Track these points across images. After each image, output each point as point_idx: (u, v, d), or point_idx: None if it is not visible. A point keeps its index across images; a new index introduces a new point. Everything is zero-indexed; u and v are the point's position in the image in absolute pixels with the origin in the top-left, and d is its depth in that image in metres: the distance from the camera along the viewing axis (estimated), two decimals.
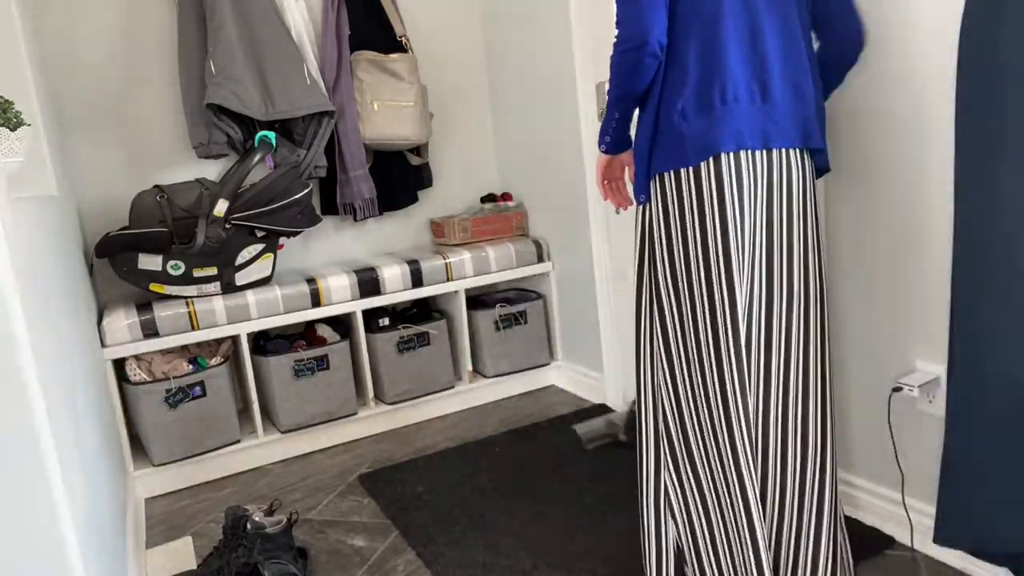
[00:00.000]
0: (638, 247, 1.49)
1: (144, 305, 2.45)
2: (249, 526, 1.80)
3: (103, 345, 2.37)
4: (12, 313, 1.01)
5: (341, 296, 2.69)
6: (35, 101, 1.96)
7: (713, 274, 1.39)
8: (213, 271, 2.50)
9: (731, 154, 1.38)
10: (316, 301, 2.65)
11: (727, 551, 1.45)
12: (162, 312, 2.42)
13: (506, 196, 3.22)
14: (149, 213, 2.47)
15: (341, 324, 2.84)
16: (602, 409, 2.80)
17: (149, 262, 2.44)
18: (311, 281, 2.65)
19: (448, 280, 2.88)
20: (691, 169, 1.38)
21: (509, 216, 3.11)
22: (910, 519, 1.74)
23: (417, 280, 2.81)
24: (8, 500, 0.95)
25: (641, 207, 1.48)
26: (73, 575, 1.08)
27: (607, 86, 2.50)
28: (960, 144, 1.36)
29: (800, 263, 1.47)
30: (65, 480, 1.10)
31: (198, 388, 2.48)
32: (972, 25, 1.30)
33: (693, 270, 1.41)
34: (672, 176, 1.40)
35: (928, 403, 1.68)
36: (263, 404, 2.72)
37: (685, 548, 1.50)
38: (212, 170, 2.83)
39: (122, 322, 2.37)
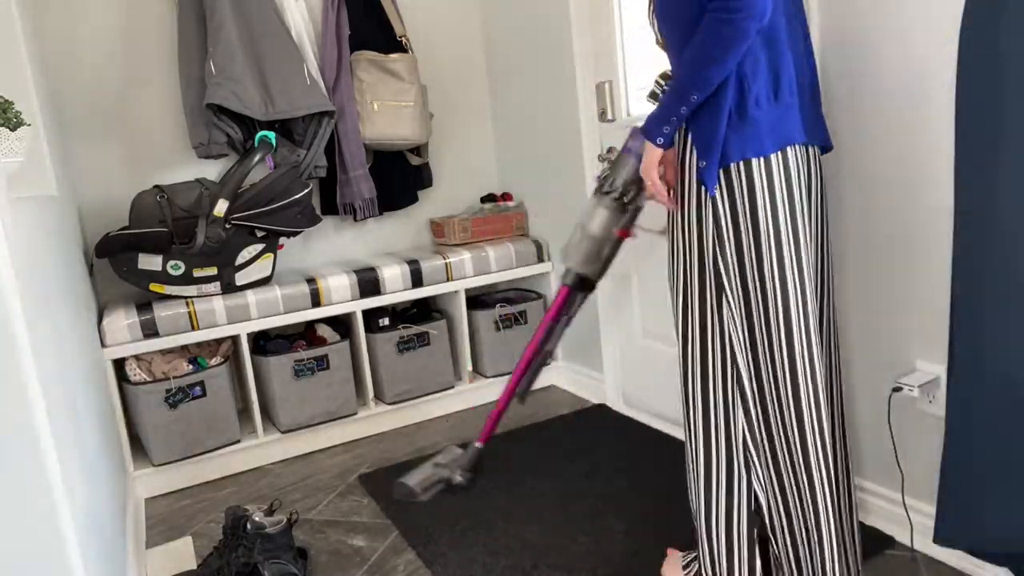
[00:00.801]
0: (698, 243, 1.43)
1: (144, 305, 2.45)
2: (249, 526, 1.80)
3: (103, 345, 2.37)
4: (12, 313, 1.01)
5: (341, 296, 2.69)
6: (35, 101, 1.96)
7: (788, 268, 1.38)
8: (213, 271, 2.50)
9: (796, 146, 1.39)
10: (316, 301, 2.65)
11: (806, 549, 1.46)
12: (162, 312, 2.42)
13: (506, 196, 3.22)
14: (149, 213, 2.47)
15: (341, 324, 2.84)
16: (600, 409, 2.80)
17: (149, 262, 2.43)
18: (311, 281, 2.65)
19: (448, 280, 2.88)
20: (763, 159, 1.35)
21: (509, 216, 3.11)
22: (910, 519, 1.74)
23: (417, 280, 2.81)
24: (8, 500, 0.95)
25: (699, 203, 1.41)
26: (73, 575, 1.08)
27: (607, 86, 2.51)
28: (960, 144, 1.36)
29: (828, 258, 1.52)
30: (65, 480, 1.10)
31: (198, 388, 2.48)
32: (972, 25, 1.30)
33: (766, 264, 1.37)
34: (743, 166, 1.36)
35: (928, 403, 1.68)
36: (263, 404, 2.72)
37: (784, 554, 1.48)
38: (212, 170, 2.83)
39: (122, 322, 2.37)
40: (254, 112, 2.56)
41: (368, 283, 2.72)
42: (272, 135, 2.58)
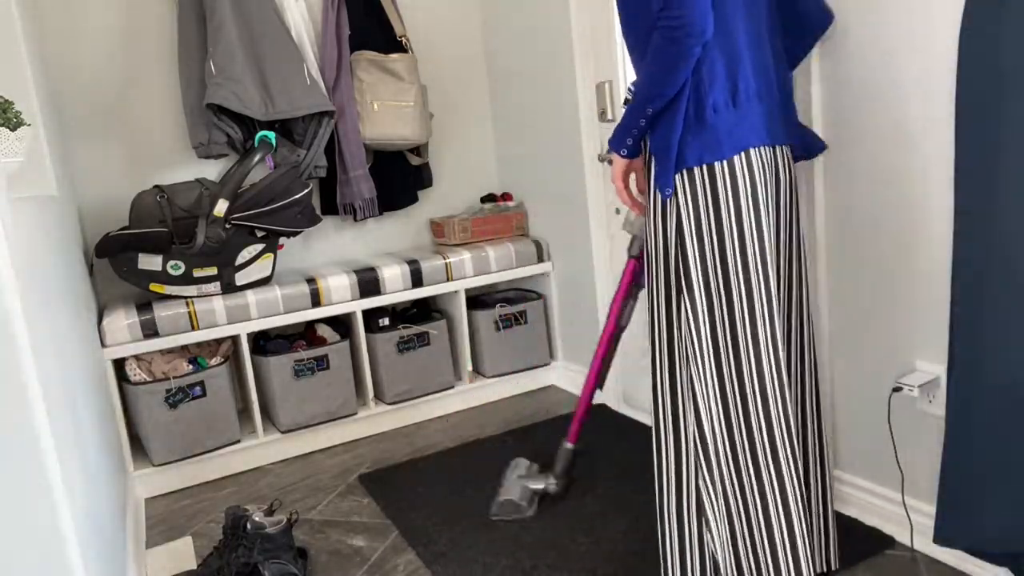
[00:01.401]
0: (663, 245, 1.46)
1: (144, 305, 2.45)
2: (249, 526, 1.80)
3: (103, 345, 2.37)
4: (12, 313, 1.01)
5: (341, 296, 2.69)
6: (35, 101, 1.96)
7: (751, 268, 1.40)
8: (213, 271, 2.50)
9: (760, 148, 1.42)
10: (316, 301, 2.65)
11: (767, 550, 1.45)
12: (162, 312, 2.42)
13: (506, 196, 3.22)
14: (149, 213, 2.47)
15: (341, 324, 2.84)
16: (600, 409, 2.80)
17: (149, 262, 2.43)
18: (311, 281, 2.65)
19: (448, 280, 2.88)
20: (725, 162, 1.39)
21: (509, 216, 3.11)
22: (910, 519, 1.74)
23: (417, 280, 2.81)
24: (8, 500, 0.95)
25: (662, 204, 1.45)
26: (73, 575, 1.08)
27: (607, 86, 2.51)
28: (960, 144, 1.36)
29: (798, 256, 1.55)
30: (65, 480, 1.10)
31: (198, 388, 2.48)
32: (972, 25, 1.30)
33: (731, 264, 1.40)
34: (705, 170, 1.39)
35: (928, 403, 1.68)
36: (263, 404, 2.72)
37: (723, 552, 1.48)
38: (212, 170, 2.83)
39: (122, 322, 2.37)
40: (254, 112, 2.56)
41: (368, 283, 2.72)
42: (272, 135, 2.58)
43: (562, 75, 2.72)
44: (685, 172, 1.40)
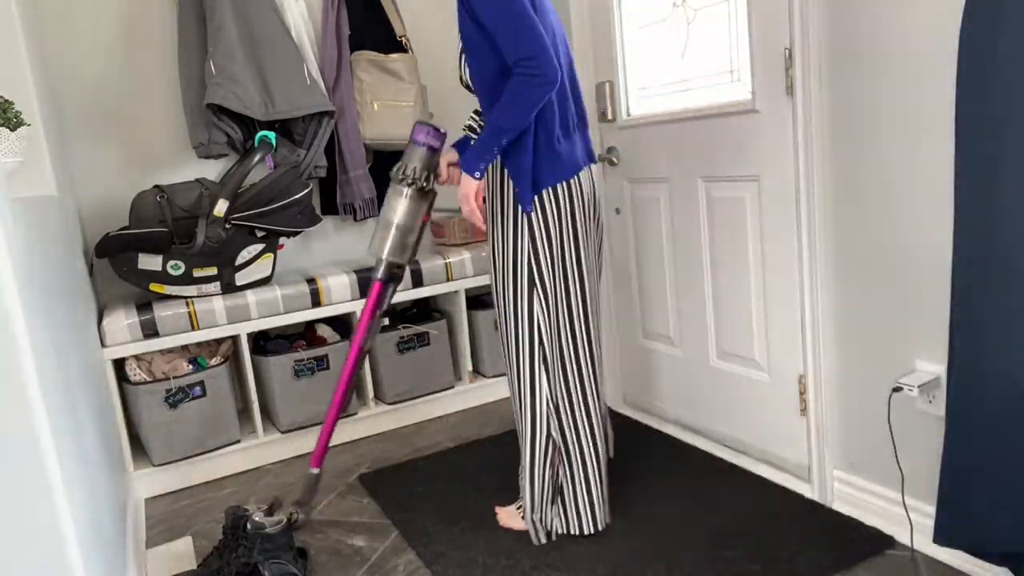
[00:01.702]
0: (514, 251, 1.82)
1: (144, 305, 2.45)
2: (249, 526, 1.80)
3: (103, 345, 2.37)
4: (12, 313, 1.01)
5: (341, 296, 2.69)
6: (35, 101, 1.96)
7: (583, 260, 1.84)
8: (213, 271, 2.50)
9: (584, 168, 1.85)
10: (316, 301, 2.65)
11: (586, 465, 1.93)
12: (162, 312, 2.42)
13: None
14: (149, 213, 2.47)
15: (341, 324, 2.84)
16: None
17: (149, 262, 2.43)
18: (311, 281, 2.65)
19: (448, 280, 2.88)
20: (566, 183, 1.79)
21: None
22: (910, 519, 1.74)
23: (417, 280, 2.81)
24: (8, 500, 0.95)
25: (515, 219, 1.80)
26: (73, 575, 1.08)
27: (607, 86, 2.51)
28: (960, 144, 1.36)
29: (601, 245, 2.03)
30: (65, 480, 1.10)
31: (198, 388, 2.48)
32: (972, 25, 1.30)
33: (571, 263, 1.83)
34: (552, 191, 1.78)
35: (928, 403, 1.68)
36: (263, 404, 2.72)
37: (564, 475, 1.95)
38: (212, 170, 2.83)
39: (122, 322, 2.37)
40: (254, 112, 2.56)
41: (368, 283, 2.72)
42: (272, 135, 2.58)
43: None
44: (542, 192, 1.77)
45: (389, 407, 2.83)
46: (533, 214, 1.79)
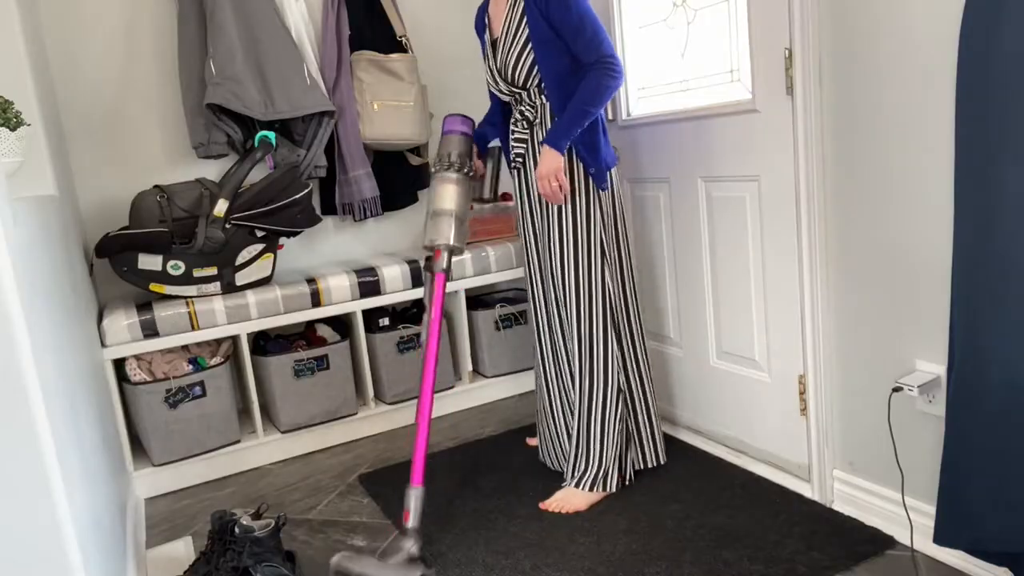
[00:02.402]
0: (592, 225, 2.04)
1: (144, 305, 2.45)
2: (237, 530, 1.78)
3: (103, 345, 2.37)
4: (12, 313, 1.01)
5: (341, 296, 2.69)
6: (35, 101, 1.96)
7: (629, 234, 2.26)
8: (213, 271, 2.50)
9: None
10: (316, 301, 2.65)
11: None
12: (162, 312, 2.42)
13: (506, 196, 3.22)
14: (149, 213, 2.46)
15: (341, 324, 2.84)
16: None
17: (149, 262, 2.43)
18: (311, 281, 2.65)
19: (448, 280, 2.87)
20: (616, 167, 2.11)
21: (509, 216, 3.11)
22: (910, 519, 1.74)
23: (417, 280, 2.81)
24: (8, 500, 0.95)
25: (587, 197, 2.03)
26: (73, 575, 1.08)
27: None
28: (960, 143, 1.36)
29: None
30: (65, 480, 1.10)
31: (198, 388, 2.48)
32: (972, 24, 1.30)
33: (622, 233, 2.13)
34: (614, 171, 2.09)
35: (928, 403, 1.68)
36: (263, 404, 2.72)
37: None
38: (212, 170, 2.83)
39: (122, 322, 2.37)
40: (254, 112, 2.56)
41: (368, 283, 2.72)
42: (272, 135, 2.58)
43: None
44: (609, 172, 2.06)
45: (389, 407, 2.83)
46: (604, 192, 2.04)
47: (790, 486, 2.07)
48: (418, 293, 2.82)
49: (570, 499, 2.08)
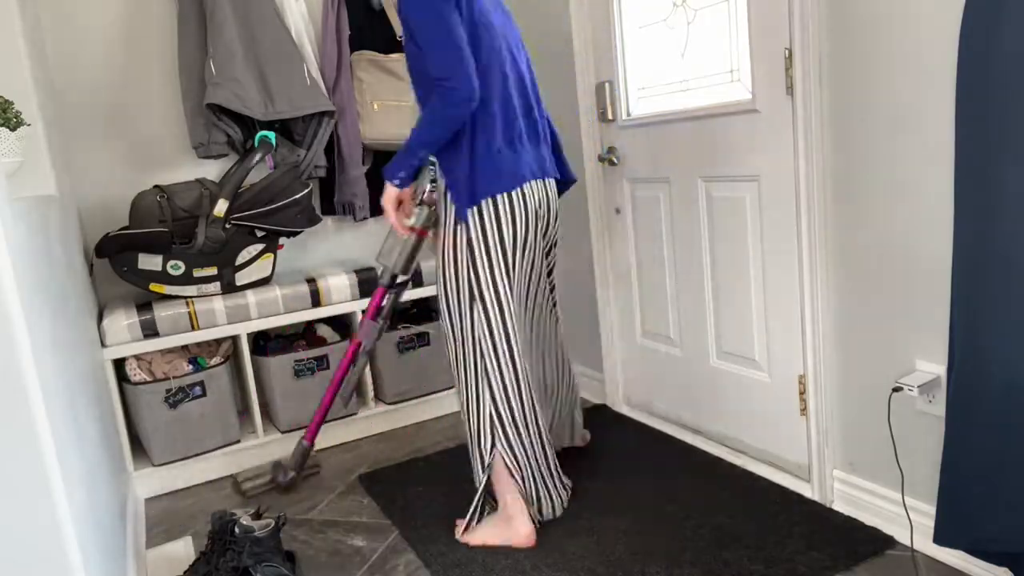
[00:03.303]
0: (459, 263, 1.84)
1: (144, 305, 2.45)
2: (237, 530, 1.78)
3: (103, 345, 2.37)
4: (12, 313, 1.01)
5: (341, 296, 2.69)
6: (35, 101, 1.96)
7: (512, 276, 1.86)
8: (213, 271, 2.50)
9: (532, 182, 1.87)
10: (316, 301, 2.65)
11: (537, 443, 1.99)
12: (162, 312, 2.42)
13: None
14: (149, 213, 2.47)
15: (341, 324, 2.84)
16: (600, 409, 2.80)
17: (149, 262, 2.43)
18: (311, 281, 2.65)
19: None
20: (505, 195, 1.81)
21: None
22: (910, 519, 1.74)
23: (417, 280, 2.81)
24: (8, 500, 0.95)
25: (455, 230, 1.83)
26: (73, 575, 1.08)
27: (607, 86, 2.51)
28: (960, 143, 1.36)
29: (553, 260, 2.13)
30: (65, 480, 1.10)
31: (198, 388, 2.48)
32: (972, 23, 1.30)
33: (504, 276, 1.84)
34: (490, 202, 1.80)
35: (928, 403, 1.68)
36: (263, 404, 2.72)
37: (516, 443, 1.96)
38: (212, 170, 2.83)
39: (122, 322, 2.37)
40: (254, 112, 2.56)
41: (368, 283, 2.72)
42: (272, 135, 2.58)
43: (562, 75, 2.72)
44: (480, 202, 1.79)
45: (389, 407, 2.83)
46: (472, 226, 1.80)
47: (790, 486, 2.07)
48: (418, 293, 2.82)
49: (476, 534, 1.97)
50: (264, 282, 2.62)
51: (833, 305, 1.88)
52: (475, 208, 1.79)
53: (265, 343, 2.74)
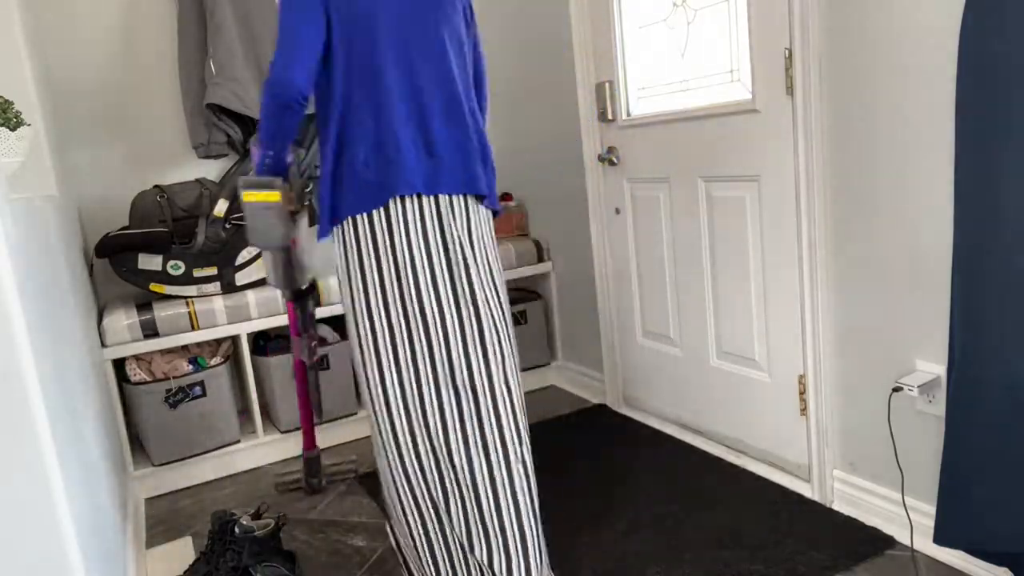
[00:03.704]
0: (342, 292, 1.62)
1: (144, 305, 2.45)
2: (237, 530, 1.78)
3: (103, 345, 2.37)
4: (12, 313, 1.01)
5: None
6: (35, 101, 1.96)
7: (391, 306, 1.56)
8: (213, 271, 2.50)
9: (407, 197, 1.55)
10: (316, 301, 2.64)
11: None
12: (162, 312, 2.42)
13: (506, 196, 3.22)
14: (149, 213, 2.47)
15: (341, 324, 2.83)
16: (600, 409, 2.80)
17: (149, 262, 2.43)
18: (311, 281, 2.65)
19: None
20: (366, 216, 1.54)
21: (509, 216, 3.11)
22: (910, 519, 1.74)
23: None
24: (8, 501, 0.95)
25: (344, 254, 1.60)
26: (73, 575, 1.08)
27: (607, 86, 2.51)
28: (960, 143, 1.36)
29: (472, 288, 1.60)
30: (65, 480, 1.10)
31: (198, 388, 2.48)
32: (972, 24, 1.30)
33: (374, 302, 1.56)
34: (350, 222, 1.56)
35: (928, 403, 1.68)
36: (263, 404, 2.72)
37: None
38: (212, 170, 2.83)
39: (122, 322, 2.37)
40: (254, 112, 2.56)
41: None
42: None
43: (562, 75, 2.72)
44: (342, 223, 1.57)
45: None
46: (338, 248, 1.61)
47: (790, 486, 2.07)
48: None
49: None
50: (264, 282, 2.62)
51: (833, 305, 1.88)
52: (340, 227, 1.59)
53: (265, 343, 2.74)
